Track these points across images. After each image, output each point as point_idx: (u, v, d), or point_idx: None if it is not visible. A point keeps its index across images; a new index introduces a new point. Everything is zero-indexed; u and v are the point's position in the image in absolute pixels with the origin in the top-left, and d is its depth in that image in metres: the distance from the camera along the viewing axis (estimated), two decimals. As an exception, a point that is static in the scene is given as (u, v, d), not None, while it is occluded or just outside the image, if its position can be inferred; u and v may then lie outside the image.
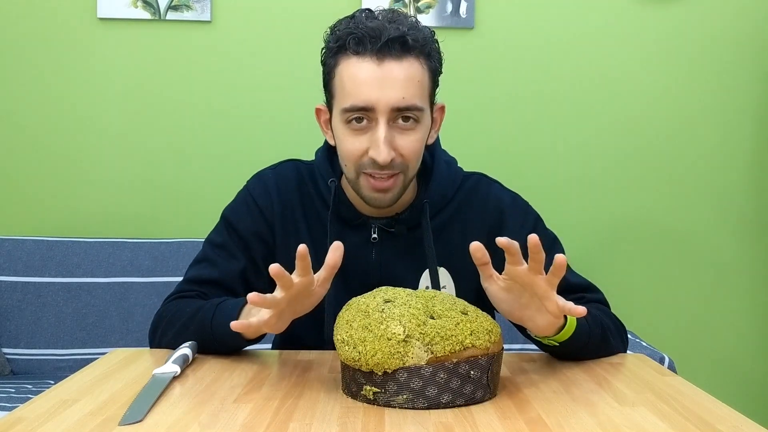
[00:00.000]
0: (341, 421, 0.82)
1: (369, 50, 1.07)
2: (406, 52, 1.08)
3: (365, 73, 1.07)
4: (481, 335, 0.90)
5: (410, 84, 1.08)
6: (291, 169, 1.27)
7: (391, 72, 1.07)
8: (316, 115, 1.23)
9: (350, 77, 1.09)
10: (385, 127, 1.08)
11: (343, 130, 1.12)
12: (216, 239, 1.25)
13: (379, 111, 1.08)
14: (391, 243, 1.21)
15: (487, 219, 1.23)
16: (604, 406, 0.89)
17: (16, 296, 2.06)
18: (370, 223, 1.21)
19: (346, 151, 1.12)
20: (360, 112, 1.09)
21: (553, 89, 2.33)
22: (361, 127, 1.10)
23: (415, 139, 1.11)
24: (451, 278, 1.22)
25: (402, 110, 1.08)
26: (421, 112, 1.11)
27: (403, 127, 1.10)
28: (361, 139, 1.10)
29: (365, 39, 1.07)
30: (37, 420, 0.81)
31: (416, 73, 1.09)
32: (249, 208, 1.24)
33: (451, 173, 1.25)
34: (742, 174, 2.36)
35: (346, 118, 1.10)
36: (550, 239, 1.23)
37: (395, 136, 1.10)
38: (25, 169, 2.30)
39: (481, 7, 2.30)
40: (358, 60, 1.08)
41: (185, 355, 1.03)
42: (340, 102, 1.11)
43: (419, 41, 1.09)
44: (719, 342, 2.38)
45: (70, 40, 2.27)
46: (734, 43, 2.33)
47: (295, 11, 2.29)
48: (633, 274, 2.36)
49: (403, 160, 1.11)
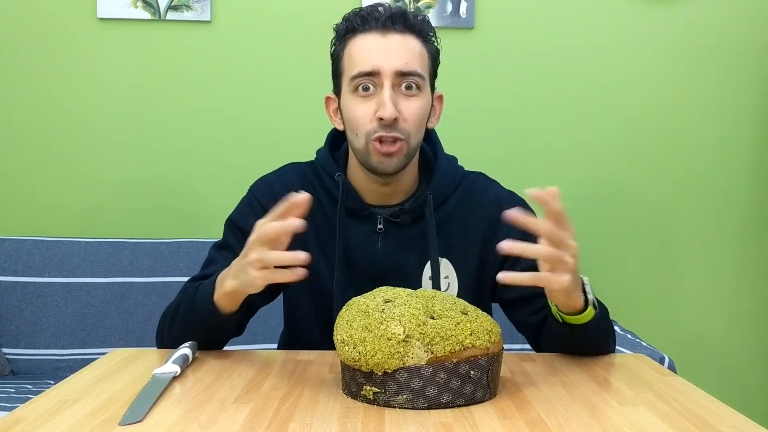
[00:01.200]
0: (341, 421, 0.82)
1: (374, 26, 1.18)
2: (407, 28, 1.19)
3: (371, 43, 1.18)
4: (481, 335, 0.90)
5: (412, 53, 1.18)
6: (293, 170, 1.32)
7: (395, 41, 1.18)
8: (326, 104, 1.29)
9: (357, 49, 1.19)
10: (390, 89, 1.16)
11: (351, 99, 1.19)
12: (220, 243, 1.28)
13: (384, 75, 1.16)
14: (396, 233, 1.25)
15: (486, 213, 1.27)
16: (604, 406, 0.89)
17: (16, 296, 2.06)
18: (376, 214, 1.25)
19: (355, 118, 1.19)
20: (366, 77, 1.17)
21: (553, 89, 2.33)
22: (368, 93, 1.17)
23: (417, 105, 1.19)
24: (453, 269, 1.25)
25: (405, 75, 1.17)
26: (422, 80, 1.19)
27: (406, 93, 1.18)
28: (369, 104, 1.17)
29: (370, 17, 1.18)
30: (37, 420, 0.81)
31: (417, 47, 1.20)
32: (253, 209, 1.26)
33: (453, 169, 1.31)
34: (742, 174, 2.36)
35: (354, 86, 1.18)
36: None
37: (399, 100, 1.17)
38: (25, 169, 2.30)
39: (481, 7, 2.30)
40: (364, 35, 1.19)
41: (185, 355, 1.03)
42: (348, 73, 1.19)
43: (419, 22, 1.20)
44: (719, 342, 2.38)
45: (70, 40, 2.27)
46: (734, 44, 2.33)
47: (295, 11, 2.29)
48: (633, 274, 2.36)
49: (407, 125, 1.17)
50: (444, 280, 1.24)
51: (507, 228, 1.22)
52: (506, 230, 1.22)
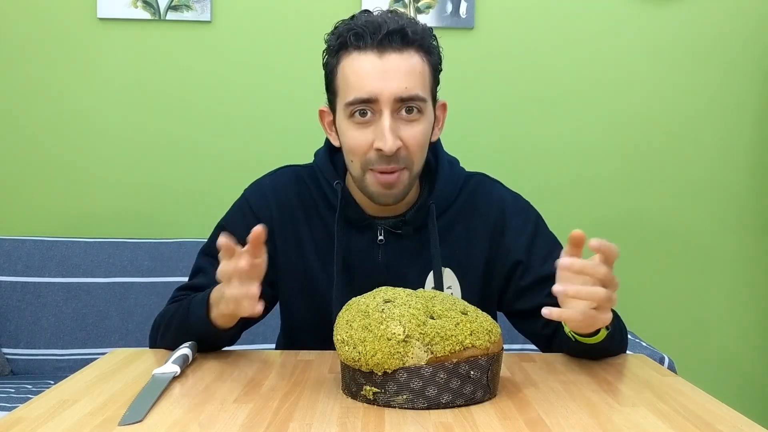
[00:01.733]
0: (341, 421, 0.82)
1: (369, 44, 1.08)
2: (406, 44, 1.09)
3: (367, 66, 1.08)
4: (481, 335, 0.90)
5: (412, 75, 1.09)
6: (289, 174, 1.27)
7: (393, 63, 1.08)
8: (320, 118, 1.23)
9: (353, 71, 1.09)
10: (390, 118, 1.08)
11: (347, 125, 1.12)
12: (206, 248, 1.24)
13: (382, 102, 1.08)
14: (397, 244, 1.21)
15: (490, 219, 1.23)
16: (604, 406, 0.89)
17: (16, 296, 2.06)
18: (376, 224, 1.20)
19: (351, 146, 1.12)
20: (364, 104, 1.09)
21: (553, 89, 2.33)
22: (366, 120, 1.10)
23: (419, 130, 1.11)
24: (456, 279, 1.22)
25: (405, 100, 1.09)
26: (424, 103, 1.11)
27: (407, 118, 1.10)
28: (366, 132, 1.10)
29: (365, 33, 1.08)
30: (37, 420, 0.81)
31: (417, 64, 1.10)
32: (244, 214, 1.23)
33: (454, 173, 1.25)
34: (742, 174, 2.36)
35: (350, 112, 1.10)
36: (550, 244, 1.23)
37: (400, 127, 1.10)
38: (25, 169, 2.30)
39: (481, 7, 2.30)
40: (359, 54, 1.09)
41: (185, 355, 1.03)
42: (343, 97, 1.11)
43: (418, 34, 1.11)
44: (719, 342, 2.38)
45: (70, 40, 2.27)
46: (734, 44, 2.33)
47: (294, 11, 2.29)
48: (633, 274, 2.36)
49: (408, 153, 1.11)
50: (446, 291, 1.20)
51: (512, 236, 1.21)
52: (511, 238, 1.21)
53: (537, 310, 1.17)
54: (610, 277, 0.95)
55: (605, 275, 0.94)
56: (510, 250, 1.21)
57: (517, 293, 1.22)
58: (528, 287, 1.20)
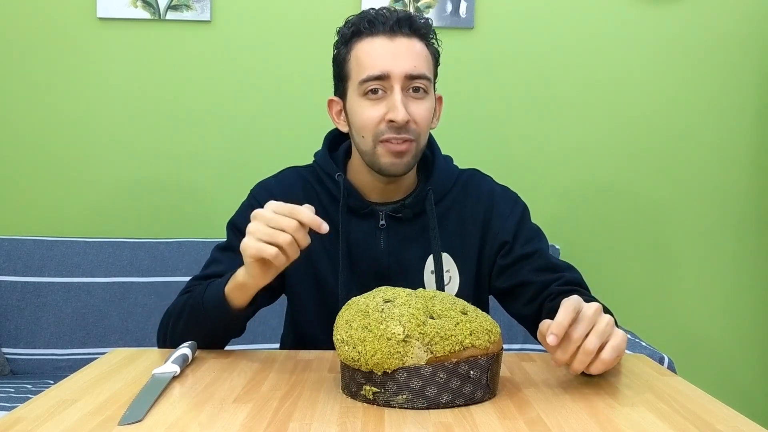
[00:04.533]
0: (341, 421, 0.82)
1: (381, 30, 1.19)
2: (413, 32, 1.21)
3: (379, 48, 1.19)
4: (481, 335, 0.90)
5: (419, 56, 1.20)
6: (293, 173, 1.33)
7: (403, 45, 1.19)
8: (328, 107, 1.29)
9: (365, 53, 1.20)
10: (400, 92, 1.18)
11: (360, 102, 1.20)
12: (223, 245, 1.29)
13: (393, 78, 1.17)
14: (398, 229, 1.27)
15: (481, 207, 1.30)
16: (604, 406, 0.89)
17: (16, 296, 2.06)
18: (377, 211, 1.27)
19: (364, 121, 1.20)
20: (376, 81, 1.18)
21: (553, 89, 2.33)
22: (378, 97, 1.19)
23: (425, 107, 1.21)
24: (454, 263, 1.27)
25: (414, 78, 1.19)
26: (429, 82, 1.21)
27: (414, 96, 1.20)
28: (378, 107, 1.19)
29: (377, 21, 1.20)
30: (37, 420, 0.81)
31: (423, 49, 1.22)
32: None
33: (449, 167, 1.34)
34: (742, 174, 2.36)
35: (363, 90, 1.19)
36: (534, 231, 1.30)
37: (408, 103, 1.19)
38: (25, 169, 2.30)
39: (481, 7, 2.30)
40: (371, 38, 1.20)
41: (185, 355, 1.03)
42: (356, 77, 1.20)
43: (424, 26, 1.22)
44: (719, 342, 2.38)
45: (70, 40, 2.27)
46: (734, 44, 2.33)
47: (295, 11, 2.29)
48: (633, 274, 2.36)
49: (417, 127, 1.19)
50: (446, 274, 1.26)
51: (500, 220, 1.29)
52: (499, 222, 1.29)
53: (518, 287, 1.25)
54: (590, 316, 0.91)
55: (579, 336, 0.90)
56: (497, 234, 1.28)
57: (498, 271, 1.28)
58: (509, 265, 1.26)
